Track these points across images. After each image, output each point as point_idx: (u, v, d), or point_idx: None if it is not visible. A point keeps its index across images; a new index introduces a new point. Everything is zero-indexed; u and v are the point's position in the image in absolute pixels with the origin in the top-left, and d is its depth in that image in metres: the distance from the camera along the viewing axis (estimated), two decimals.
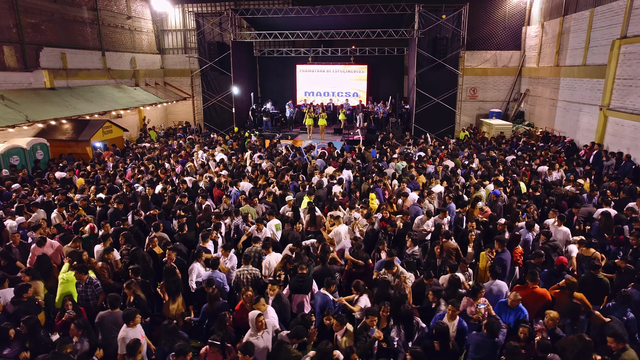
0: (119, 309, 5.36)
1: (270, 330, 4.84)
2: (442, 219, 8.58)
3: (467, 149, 15.53)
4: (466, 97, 23.03)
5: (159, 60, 25.18)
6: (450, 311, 5.02)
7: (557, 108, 17.98)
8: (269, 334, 4.83)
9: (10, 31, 15.17)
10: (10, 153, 13.23)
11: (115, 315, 5.29)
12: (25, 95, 14.86)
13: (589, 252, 7.11)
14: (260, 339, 4.73)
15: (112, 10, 20.76)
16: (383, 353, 5.18)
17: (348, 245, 7.20)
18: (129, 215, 8.88)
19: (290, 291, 6.09)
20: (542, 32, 19.87)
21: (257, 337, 4.73)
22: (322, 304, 5.67)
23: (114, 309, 5.36)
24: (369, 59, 22.64)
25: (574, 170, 12.26)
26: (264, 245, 6.73)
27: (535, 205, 9.47)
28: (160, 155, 15.05)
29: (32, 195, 10.21)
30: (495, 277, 5.86)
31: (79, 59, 18.28)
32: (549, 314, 4.98)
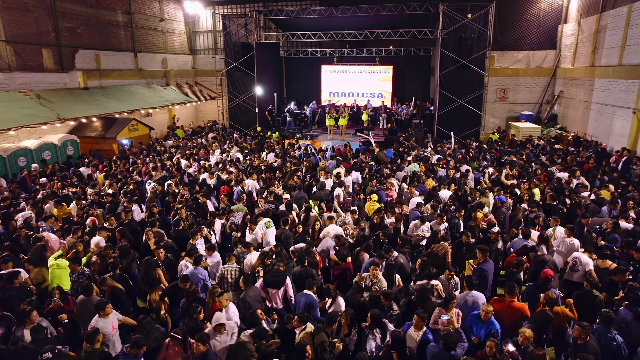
0: (95, 294, 5.69)
1: (229, 330, 4.92)
2: (440, 224, 8.35)
3: (489, 153, 15.01)
4: (496, 98, 22.18)
5: (190, 60, 26.06)
6: (415, 321, 4.90)
7: (591, 111, 16.94)
8: (227, 336, 4.91)
9: (48, 35, 16.26)
10: (42, 148, 14.19)
11: (89, 302, 5.59)
12: (60, 94, 15.87)
13: (606, 264, 6.71)
14: (220, 338, 4.84)
15: (145, 13, 21.72)
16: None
17: (331, 245, 7.19)
18: (133, 210, 9.32)
19: (263, 284, 6.18)
20: (579, 30, 18.77)
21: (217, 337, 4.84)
22: (307, 304, 5.69)
23: (88, 295, 5.67)
24: (395, 60, 22.33)
25: (598, 178, 11.55)
26: (245, 245, 6.85)
27: (545, 215, 9.03)
28: (182, 152, 15.58)
29: (53, 189, 10.91)
30: (471, 287, 5.64)
31: (112, 60, 19.28)
32: (523, 332, 4.72)
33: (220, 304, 5.41)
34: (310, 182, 11.30)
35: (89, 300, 5.76)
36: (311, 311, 5.57)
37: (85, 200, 9.92)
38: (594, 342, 4.74)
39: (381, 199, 10.11)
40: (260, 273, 6.46)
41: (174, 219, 8.34)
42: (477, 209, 9.05)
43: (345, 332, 5.26)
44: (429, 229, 8.31)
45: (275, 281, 6.12)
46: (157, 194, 10.28)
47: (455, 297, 5.35)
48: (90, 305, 5.58)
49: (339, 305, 5.71)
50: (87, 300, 5.77)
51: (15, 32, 14.99)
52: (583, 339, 4.68)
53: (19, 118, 13.27)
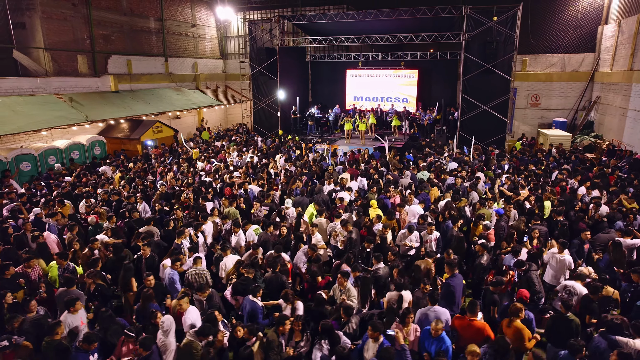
0: (74, 287, 6.01)
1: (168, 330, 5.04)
2: (430, 234, 8.10)
3: (510, 162, 14.36)
4: (527, 104, 21.16)
5: (221, 64, 26.88)
6: (369, 332, 4.80)
7: (627, 118, 15.75)
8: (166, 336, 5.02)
9: (84, 42, 17.39)
10: (71, 148, 15.17)
11: (68, 293, 5.91)
12: (91, 97, 16.91)
13: (609, 292, 6.23)
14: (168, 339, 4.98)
15: (177, 19, 22.68)
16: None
17: (302, 259, 7.17)
18: (140, 208, 9.77)
19: (232, 291, 6.27)
20: (619, 32, 17.53)
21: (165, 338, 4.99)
22: (250, 311, 5.75)
23: (69, 287, 6.00)
24: (421, 64, 21.89)
25: (624, 191, 10.73)
26: (222, 247, 6.98)
27: (546, 229, 8.53)
28: (201, 154, 16.08)
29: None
30: (434, 302, 5.43)
31: (143, 64, 20.29)
32: (469, 348, 4.52)
33: (180, 307, 5.55)
34: (313, 187, 11.33)
35: (67, 292, 6.08)
36: (255, 318, 5.59)
37: (96, 199, 10.49)
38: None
39: (386, 206, 9.93)
40: (233, 280, 6.56)
41: (165, 220, 8.62)
42: (478, 221, 8.70)
43: (297, 338, 5.25)
44: (418, 239, 8.09)
45: (243, 289, 6.19)
46: (162, 194, 10.71)
47: (411, 311, 5.18)
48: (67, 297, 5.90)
49: (297, 310, 5.71)
50: (66, 292, 6.09)
51: (54, 40, 16.15)
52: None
53: (50, 120, 14.29)
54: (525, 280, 6.47)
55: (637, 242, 7.70)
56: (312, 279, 6.52)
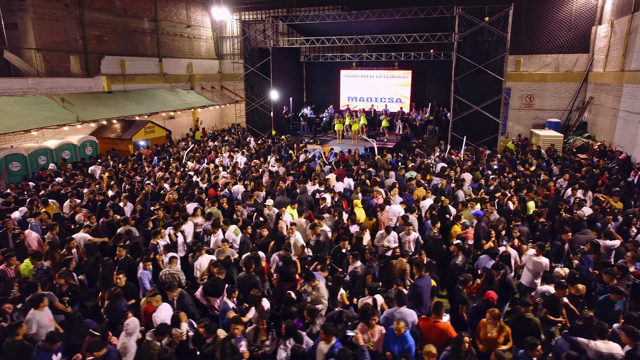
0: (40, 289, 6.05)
1: (131, 330, 5.05)
2: (408, 234, 8.09)
3: (499, 162, 14.32)
4: (521, 105, 21.11)
5: (217, 65, 26.94)
6: (320, 334, 4.80)
7: (618, 119, 15.69)
8: (129, 336, 5.02)
9: (76, 43, 17.47)
10: (62, 148, 15.24)
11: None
12: (83, 98, 16.98)
13: (580, 291, 6.22)
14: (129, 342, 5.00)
15: (172, 20, 22.74)
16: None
17: (275, 259, 7.18)
18: (125, 209, 9.81)
19: (203, 292, 6.28)
20: (611, 32, 17.47)
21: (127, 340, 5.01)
22: (222, 310, 5.77)
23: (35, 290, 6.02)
24: (414, 64, 21.85)
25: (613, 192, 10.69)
26: (197, 247, 7.00)
27: (527, 229, 8.52)
28: (192, 155, 16.10)
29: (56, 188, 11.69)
30: (400, 304, 5.42)
31: (136, 65, 20.35)
32: (425, 348, 4.51)
33: (149, 304, 5.58)
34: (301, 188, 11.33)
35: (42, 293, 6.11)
36: (224, 318, 5.61)
37: (81, 199, 10.53)
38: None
39: (371, 206, 9.92)
40: (205, 280, 6.56)
41: (143, 221, 8.65)
42: (455, 222, 8.70)
43: (263, 337, 5.26)
44: (396, 239, 8.08)
45: (214, 290, 6.19)
46: (147, 194, 10.74)
47: (376, 312, 5.18)
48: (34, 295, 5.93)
49: (251, 313, 5.71)
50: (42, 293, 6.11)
51: (46, 40, 16.23)
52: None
53: (41, 120, 14.36)
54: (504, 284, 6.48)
55: (615, 243, 7.68)
56: (282, 280, 6.52)
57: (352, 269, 6.99)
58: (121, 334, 5.09)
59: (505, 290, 6.59)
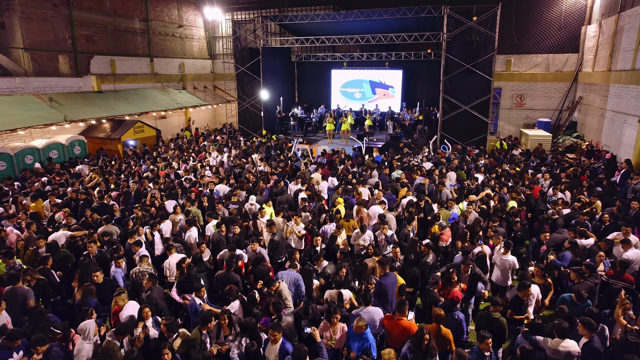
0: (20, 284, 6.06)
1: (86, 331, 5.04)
2: (385, 233, 8.12)
3: (486, 161, 14.35)
4: (512, 104, 21.13)
5: (209, 65, 26.94)
6: (270, 335, 4.79)
7: (605, 119, 15.71)
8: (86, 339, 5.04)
9: (65, 42, 17.47)
10: (50, 148, 15.24)
11: (15, 291, 5.96)
12: (72, 97, 16.98)
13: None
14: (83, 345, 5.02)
15: (163, 20, 22.74)
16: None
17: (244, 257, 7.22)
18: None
19: (178, 290, 6.29)
20: (599, 32, 17.49)
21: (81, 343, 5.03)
22: (190, 308, 5.79)
23: (14, 284, 6.03)
24: (405, 64, 21.88)
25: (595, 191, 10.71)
26: (167, 247, 7.02)
27: (504, 230, 8.53)
28: (179, 155, 16.12)
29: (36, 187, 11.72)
30: (367, 303, 5.43)
31: (127, 65, 20.36)
32: (385, 354, 4.49)
33: (116, 304, 5.59)
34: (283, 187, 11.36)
35: (14, 290, 6.11)
36: (195, 316, 5.62)
37: (62, 198, 10.54)
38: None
39: (351, 205, 9.95)
40: (175, 278, 6.57)
41: (123, 220, 8.68)
42: (433, 221, 8.73)
43: (226, 332, 5.29)
44: (372, 238, 8.10)
45: (189, 287, 6.20)
46: (130, 194, 10.76)
47: (338, 311, 5.19)
48: (17, 294, 5.95)
49: (233, 307, 5.73)
50: (13, 290, 6.12)
51: (33, 40, 16.23)
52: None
53: (27, 119, 14.36)
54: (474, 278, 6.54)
55: (590, 242, 7.70)
56: (255, 279, 6.53)
57: (321, 269, 7.01)
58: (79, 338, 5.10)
59: (474, 285, 6.65)
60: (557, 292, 7.01)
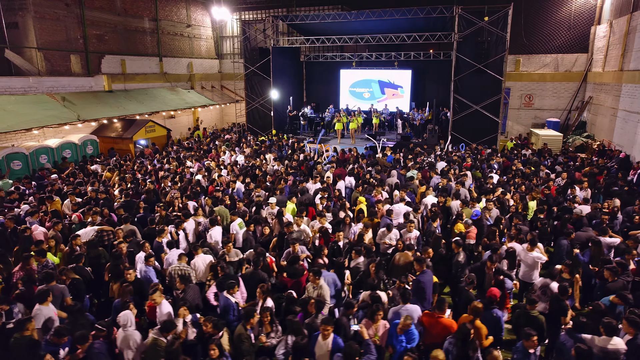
0: (54, 283, 6.06)
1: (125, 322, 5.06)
2: (410, 231, 8.15)
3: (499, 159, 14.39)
4: (520, 104, 21.19)
5: (217, 64, 26.96)
6: (323, 330, 4.83)
7: (617, 119, 15.77)
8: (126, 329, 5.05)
9: (77, 42, 17.49)
10: (63, 147, 15.24)
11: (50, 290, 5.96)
12: (84, 97, 16.99)
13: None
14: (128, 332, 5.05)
15: (172, 19, 22.76)
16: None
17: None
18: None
19: (217, 290, 6.27)
20: (610, 32, 17.55)
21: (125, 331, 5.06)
22: (224, 307, 5.80)
23: (49, 283, 6.04)
24: (414, 64, 21.93)
25: (612, 190, 10.76)
26: (193, 247, 7.03)
27: (528, 228, 8.56)
28: (190, 154, 16.12)
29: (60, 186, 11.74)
30: (405, 301, 5.47)
31: (137, 64, 20.37)
32: (436, 356, 4.47)
33: (153, 301, 5.61)
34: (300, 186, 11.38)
35: (49, 288, 6.11)
36: (227, 315, 5.64)
37: (81, 198, 10.55)
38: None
39: (371, 204, 9.97)
40: (212, 283, 6.57)
41: (148, 218, 8.70)
42: (457, 220, 8.75)
43: (267, 330, 5.32)
44: (398, 236, 8.13)
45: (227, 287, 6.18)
46: (151, 193, 10.77)
47: (380, 308, 5.22)
48: (53, 293, 5.96)
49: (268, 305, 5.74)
50: (49, 288, 6.11)
51: (46, 39, 16.25)
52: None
53: (42, 119, 14.38)
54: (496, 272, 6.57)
55: (615, 241, 7.74)
56: (290, 277, 6.55)
57: (354, 264, 7.05)
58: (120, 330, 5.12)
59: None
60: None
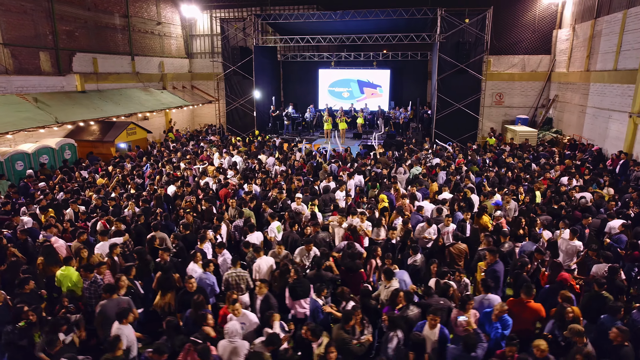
0: (116, 295, 5.60)
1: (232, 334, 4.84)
2: (447, 225, 8.40)
3: (486, 156, 15.13)
4: (492, 102, 22.42)
5: (187, 64, 25.96)
6: (431, 320, 4.90)
7: (586, 115, 17.19)
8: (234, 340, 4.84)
9: (46, 38, 16.10)
10: (40, 152, 14.01)
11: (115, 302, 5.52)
12: (57, 98, 15.71)
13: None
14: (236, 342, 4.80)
15: (142, 16, 21.62)
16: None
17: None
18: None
19: (291, 298, 6.08)
20: (573, 36, 19.08)
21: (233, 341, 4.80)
22: (312, 310, 5.68)
23: (112, 295, 5.56)
24: (392, 64, 22.49)
25: (597, 180, 11.74)
26: (255, 249, 6.81)
27: (550, 217, 9.11)
28: (182, 157, 15.44)
29: (53, 193, 10.79)
30: (487, 290, 5.66)
31: (109, 63, 19.15)
32: (538, 345, 4.55)
33: (234, 312, 5.32)
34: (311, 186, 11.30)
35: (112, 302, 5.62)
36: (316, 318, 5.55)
37: (86, 206, 9.79)
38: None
39: (392, 202, 10.13)
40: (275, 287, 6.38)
41: (180, 223, 8.28)
42: (482, 212, 9.10)
43: (359, 329, 5.29)
44: (436, 231, 8.36)
45: (302, 291, 6.02)
46: (161, 198, 10.22)
47: (472, 298, 5.37)
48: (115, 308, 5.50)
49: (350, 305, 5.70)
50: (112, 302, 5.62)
51: (13, 34, 14.82)
52: (619, 341, 4.66)
53: (17, 122, 13.12)
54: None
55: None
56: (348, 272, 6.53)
57: (411, 261, 7.15)
58: (223, 341, 4.85)
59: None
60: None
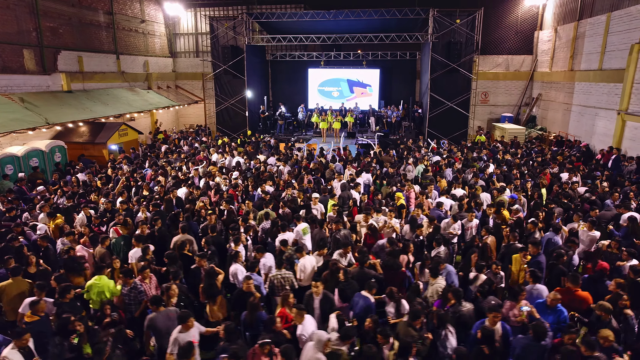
0: (162, 307, 5.38)
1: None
2: (471, 221, 8.58)
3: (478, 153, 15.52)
4: (478, 101, 23.05)
5: (170, 63, 25.30)
6: (493, 318, 4.97)
7: (572, 112, 17.96)
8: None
9: (30, 35, 15.30)
10: (29, 155, 13.29)
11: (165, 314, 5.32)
12: (44, 98, 14.95)
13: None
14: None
15: (126, 14, 20.91)
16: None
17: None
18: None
19: (340, 299, 6.02)
20: (556, 37, 19.89)
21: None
22: (365, 307, 5.64)
23: (158, 307, 5.34)
24: (381, 63, 22.72)
25: (592, 175, 12.30)
26: (297, 249, 6.73)
27: (562, 210, 9.47)
28: (180, 158, 15.02)
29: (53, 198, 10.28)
30: (536, 280, 5.82)
31: (94, 62, 18.41)
32: (606, 336, 4.64)
33: (297, 318, 5.20)
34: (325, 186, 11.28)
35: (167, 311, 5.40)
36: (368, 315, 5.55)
37: (96, 211, 9.38)
38: None
39: (407, 199, 10.24)
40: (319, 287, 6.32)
41: (202, 225, 8.08)
42: (500, 207, 9.33)
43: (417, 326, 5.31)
44: (460, 227, 8.52)
45: (351, 292, 5.95)
46: (172, 201, 9.91)
47: (523, 289, 5.51)
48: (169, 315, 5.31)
49: (405, 307, 5.70)
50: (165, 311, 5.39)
51: None
52: None
53: (6, 123, 12.40)
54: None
55: (633, 214, 8.89)
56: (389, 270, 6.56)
57: (435, 253, 7.25)
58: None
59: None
60: None
